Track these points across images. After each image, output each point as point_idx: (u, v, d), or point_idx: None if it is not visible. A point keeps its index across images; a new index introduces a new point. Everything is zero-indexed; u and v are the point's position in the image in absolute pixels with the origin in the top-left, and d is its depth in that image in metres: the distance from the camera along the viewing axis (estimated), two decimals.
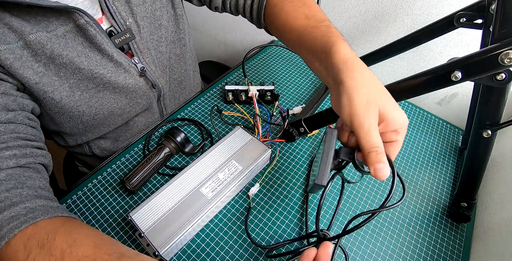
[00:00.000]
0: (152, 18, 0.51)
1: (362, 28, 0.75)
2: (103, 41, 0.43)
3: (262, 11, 0.50)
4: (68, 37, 0.41)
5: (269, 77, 0.75)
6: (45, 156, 0.40)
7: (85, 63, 0.43)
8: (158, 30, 0.52)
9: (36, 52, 0.39)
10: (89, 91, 0.47)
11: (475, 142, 0.45)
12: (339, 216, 0.51)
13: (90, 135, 0.56)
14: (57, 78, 0.43)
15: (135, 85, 0.51)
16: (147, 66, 0.52)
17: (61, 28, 0.40)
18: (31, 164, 0.38)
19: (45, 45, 0.39)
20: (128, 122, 0.60)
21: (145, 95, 0.55)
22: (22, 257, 0.30)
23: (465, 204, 0.50)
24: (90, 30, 0.41)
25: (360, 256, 0.47)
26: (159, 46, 0.54)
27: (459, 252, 0.49)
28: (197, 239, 0.46)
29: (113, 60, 0.46)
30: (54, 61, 0.41)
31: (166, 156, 0.52)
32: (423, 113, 0.72)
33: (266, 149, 0.52)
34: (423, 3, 0.63)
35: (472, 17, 0.48)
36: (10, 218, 0.32)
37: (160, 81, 0.56)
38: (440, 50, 0.67)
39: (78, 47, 0.42)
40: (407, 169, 0.60)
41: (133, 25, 0.48)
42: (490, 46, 0.33)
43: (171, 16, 0.55)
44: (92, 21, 0.41)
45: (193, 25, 1.20)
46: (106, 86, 0.48)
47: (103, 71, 0.46)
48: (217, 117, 0.64)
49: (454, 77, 0.35)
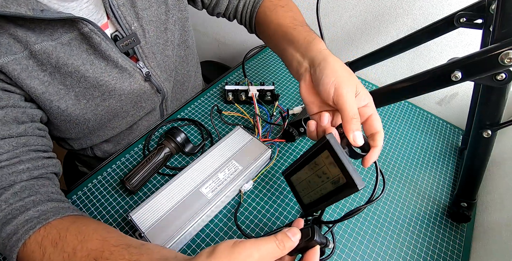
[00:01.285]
0: (158, 22, 0.50)
1: (362, 28, 0.75)
2: (107, 48, 0.43)
3: (255, 13, 0.57)
4: (73, 45, 0.41)
5: (269, 77, 0.75)
6: (55, 165, 0.42)
7: (90, 71, 0.43)
8: (164, 34, 0.52)
9: (41, 62, 0.39)
10: (94, 100, 0.47)
11: (475, 142, 0.45)
12: (326, 213, 0.51)
13: (95, 138, 0.56)
14: (63, 87, 0.43)
15: (140, 90, 0.51)
16: (152, 71, 0.52)
17: (65, 36, 0.40)
18: (43, 174, 0.40)
19: (50, 54, 0.39)
20: (132, 126, 0.60)
21: (149, 99, 0.55)
22: (39, 257, 0.33)
23: (465, 204, 0.50)
24: (95, 37, 0.41)
25: (360, 256, 0.47)
26: (165, 50, 0.53)
27: (459, 252, 0.49)
28: (197, 239, 0.46)
29: (118, 66, 0.46)
30: (60, 70, 0.41)
31: (166, 156, 0.52)
32: (423, 113, 0.72)
33: (266, 149, 0.52)
34: (423, 3, 0.63)
35: (472, 17, 0.48)
36: (24, 221, 0.34)
37: (165, 85, 0.56)
38: (440, 50, 0.67)
39: (83, 54, 0.42)
40: (407, 169, 0.60)
41: (138, 30, 0.47)
42: (490, 46, 0.33)
43: (177, 20, 0.54)
44: (97, 29, 0.41)
45: (193, 25, 1.20)
46: (112, 94, 0.48)
47: (108, 78, 0.46)
48: (217, 117, 0.64)
49: (454, 77, 0.35)
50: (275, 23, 0.51)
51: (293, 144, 0.60)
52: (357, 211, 0.35)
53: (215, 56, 1.27)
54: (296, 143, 0.61)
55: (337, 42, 0.82)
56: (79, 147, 0.57)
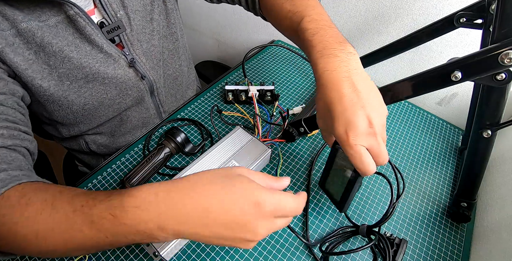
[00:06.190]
0: (144, 12, 0.52)
1: (362, 28, 0.75)
2: (92, 32, 0.45)
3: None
4: (59, 27, 0.43)
5: (269, 77, 0.75)
6: (31, 141, 0.40)
7: (75, 52, 0.45)
8: (150, 24, 0.54)
9: (27, 40, 0.41)
10: (78, 81, 0.48)
11: (475, 142, 0.45)
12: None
13: (82, 126, 0.56)
14: (46, 66, 0.44)
15: (124, 76, 0.52)
16: (137, 58, 0.53)
17: (53, 19, 0.42)
18: (17, 146, 0.37)
19: (35, 33, 0.40)
20: (122, 116, 0.60)
21: (134, 86, 0.55)
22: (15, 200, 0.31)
23: (465, 204, 0.50)
24: (80, 21, 0.43)
25: (360, 256, 0.47)
26: (152, 39, 0.55)
27: (459, 252, 0.49)
28: None
29: (103, 51, 0.48)
30: (44, 49, 0.42)
31: (166, 156, 0.52)
32: (423, 113, 0.72)
33: (266, 149, 0.52)
34: (423, 3, 0.63)
35: (472, 17, 0.48)
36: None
37: (151, 73, 0.57)
38: (440, 50, 0.67)
39: (69, 37, 0.44)
40: (407, 169, 0.60)
41: (124, 18, 0.49)
42: (490, 46, 0.33)
43: (162, 11, 0.56)
44: (82, 13, 0.43)
45: (193, 25, 1.20)
46: (95, 77, 0.49)
47: (92, 61, 0.47)
48: (217, 117, 0.64)
49: (454, 77, 0.35)
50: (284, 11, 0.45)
51: (293, 144, 0.60)
52: (393, 210, 0.43)
53: (215, 56, 1.27)
54: (296, 143, 0.61)
55: None
56: (67, 134, 0.57)
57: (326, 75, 0.34)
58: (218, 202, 0.27)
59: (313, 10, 0.41)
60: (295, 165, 0.57)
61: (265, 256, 0.45)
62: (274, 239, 0.47)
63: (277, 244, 0.47)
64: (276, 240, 0.47)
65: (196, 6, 1.10)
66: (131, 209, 0.27)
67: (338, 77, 0.33)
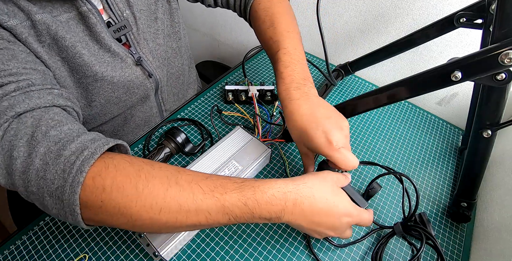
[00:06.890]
0: (148, 11, 0.53)
1: (362, 28, 0.75)
2: (102, 30, 0.46)
3: (249, 6, 0.56)
4: (70, 24, 0.43)
5: (269, 77, 0.75)
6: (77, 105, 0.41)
7: (86, 49, 0.45)
8: (154, 23, 0.54)
9: (41, 33, 0.41)
10: (87, 78, 0.48)
11: (475, 142, 0.45)
12: None
13: (86, 125, 0.56)
14: (59, 58, 0.44)
15: (132, 74, 0.53)
16: (144, 56, 0.54)
17: (64, 15, 0.42)
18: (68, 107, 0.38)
19: (50, 26, 0.40)
20: (126, 115, 0.60)
21: (142, 85, 0.56)
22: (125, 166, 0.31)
23: (465, 204, 0.50)
24: (92, 18, 0.44)
25: (360, 255, 0.47)
26: (157, 38, 0.56)
27: (459, 252, 0.49)
28: (197, 239, 0.46)
29: (110, 51, 0.48)
30: (58, 42, 0.42)
31: (166, 156, 0.52)
32: (423, 113, 0.72)
33: (266, 149, 0.52)
34: (423, 3, 0.63)
35: (472, 17, 0.48)
36: (89, 140, 0.31)
37: (158, 72, 0.57)
38: (440, 50, 0.67)
39: (79, 34, 0.45)
40: (407, 169, 0.60)
41: (130, 17, 0.50)
42: (490, 46, 0.33)
43: (166, 10, 0.57)
44: (94, 10, 0.43)
45: (193, 25, 1.20)
46: (104, 75, 0.49)
47: (100, 60, 0.47)
48: (217, 117, 0.64)
49: (454, 77, 0.35)
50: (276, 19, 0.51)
51: (293, 144, 0.60)
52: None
53: (215, 56, 1.27)
54: None
55: (337, 42, 0.82)
56: None
57: (292, 103, 0.42)
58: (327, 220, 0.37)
59: (290, 43, 0.47)
60: (295, 165, 0.57)
61: (265, 256, 0.45)
62: (274, 239, 0.47)
63: (277, 244, 0.47)
64: (276, 240, 0.47)
65: (196, 6, 1.09)
66: (264, 203, 0.33)
67: (300, 103, 0.42)
